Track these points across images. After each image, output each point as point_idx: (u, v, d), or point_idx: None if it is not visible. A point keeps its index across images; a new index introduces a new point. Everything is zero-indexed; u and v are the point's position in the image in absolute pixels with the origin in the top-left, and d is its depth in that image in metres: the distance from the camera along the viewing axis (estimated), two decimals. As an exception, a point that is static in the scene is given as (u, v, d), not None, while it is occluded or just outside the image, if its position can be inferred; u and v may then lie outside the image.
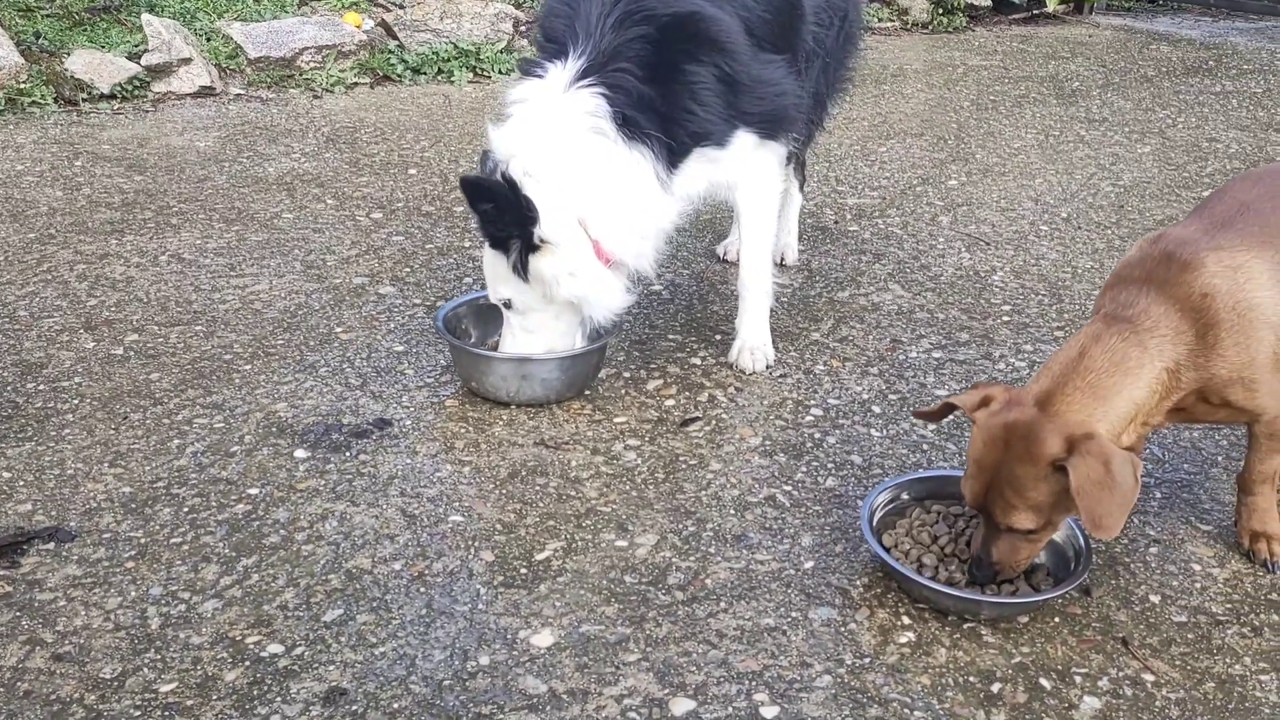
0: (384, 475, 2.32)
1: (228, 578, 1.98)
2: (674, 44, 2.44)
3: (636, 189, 2.46)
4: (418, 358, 2.84)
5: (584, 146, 2.40)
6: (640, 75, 2.41)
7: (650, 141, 2.44)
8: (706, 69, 2.48)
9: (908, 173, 4.50)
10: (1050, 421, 1.75)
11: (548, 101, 2.41)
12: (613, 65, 2.40)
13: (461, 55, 5.94)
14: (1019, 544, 1.85)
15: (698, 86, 2.48)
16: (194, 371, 2.71)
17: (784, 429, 2.55)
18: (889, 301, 3.26)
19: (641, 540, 2.13)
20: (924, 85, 6.02)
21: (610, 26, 2.42)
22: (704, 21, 2.47)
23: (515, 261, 2.40)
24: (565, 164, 2.37)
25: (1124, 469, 1.70)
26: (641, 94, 2.41)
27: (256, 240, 3.56)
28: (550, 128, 2.39)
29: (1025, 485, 1.75)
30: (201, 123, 4.83)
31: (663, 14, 2.43)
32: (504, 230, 2.37)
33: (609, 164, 2.41)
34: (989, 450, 1.80)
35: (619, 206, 2.45)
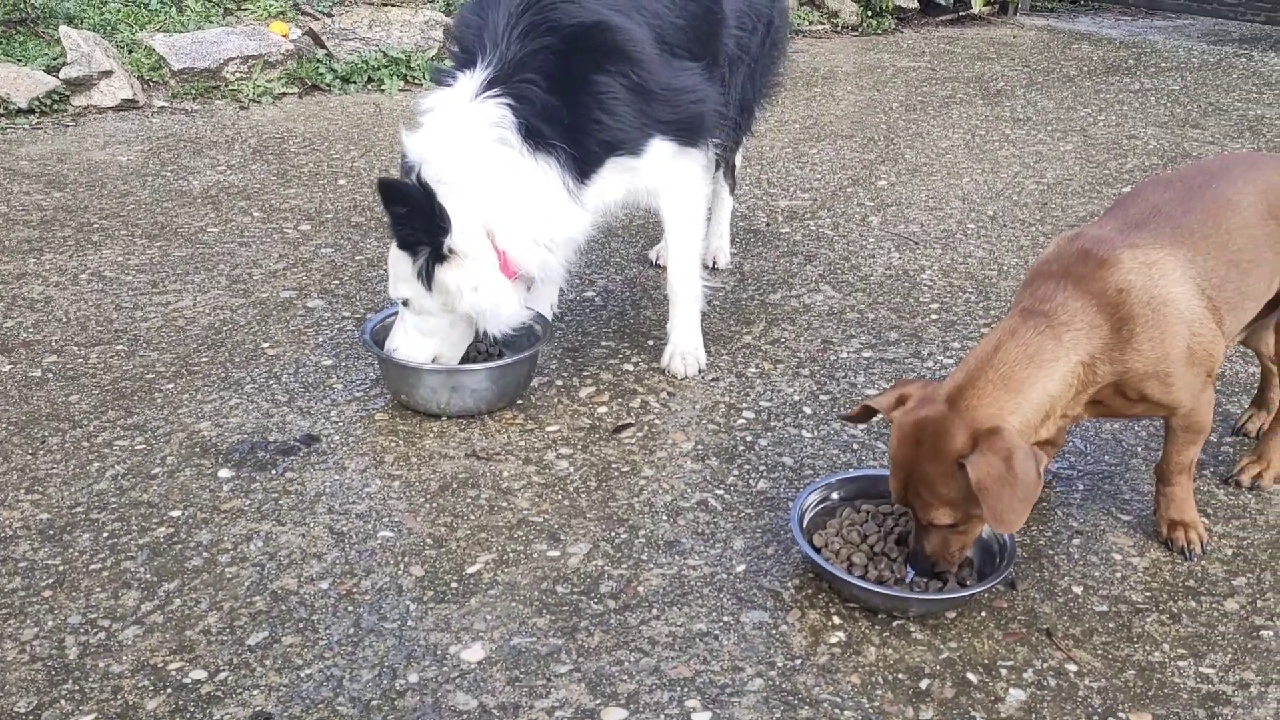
0: (311, 492, 2.28)
1: (149, 603, 1.93)
2: (580, 54, 2.44)
3: (543, 200, 2.45)
4: (347, 371, 2.80)
5: (490, 157, 2.39)
6: (545, 86, 2.41)
7: (556, 152, 2.43)
8: (614, 79, 2.47)
9: (839, 174, 4.55)
10: (957, 418, 1.78)
11: (455, 111, 2.41)
12: (518, 76, 2.40)
13: (392, 63, 5.89)
14: (948, 537, 1.88)
15: (606, 96, 2.47)
16: (115, 392, 2.65)
17: (716, 433, 2.56)
18: (820, 302, 3.29)
19: (574, 550, 2.12)
20: (854, 87, 6.10)
21: (516, 37, 2.42)
22: (609, 31, 2.46)
23: (421, 268, 2.38)
24: (473, 174, 2.36)
25: (1026, 463, 1.73)
26: (547, 105, 2.41)
27: (180, 255, 3.49)
28: (457, 137, 2.39)
29: (936, 482, 1.78)
30: (124, 136, 4.72)
31: (567, 24, 2.43)
32: (414, 235, 2.35)
33: (515, 175, 2.41)
34: (904, 448, 1.82)
35: (525, 218, 2.45)
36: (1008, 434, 1.74)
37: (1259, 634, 1.93)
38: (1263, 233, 2.07)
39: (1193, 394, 1.96)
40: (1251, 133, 5.30)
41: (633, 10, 2.58)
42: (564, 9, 2.47)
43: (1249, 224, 2.05)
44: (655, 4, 2.64)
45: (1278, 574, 2.10)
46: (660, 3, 2.66)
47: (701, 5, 2.79)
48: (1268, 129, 5.37)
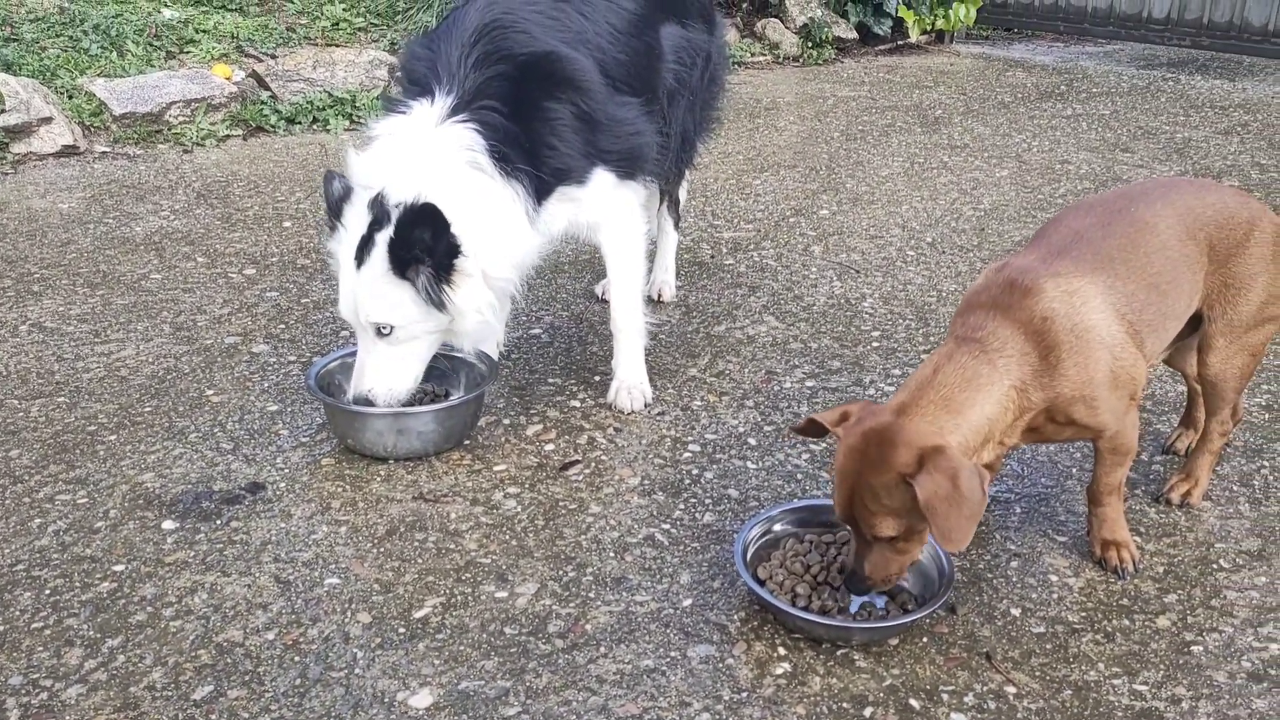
0: (256, 542, 2.27)
1: (92, 660, 1.91)
2: (533, 82, 2.51)
3: (512, 223, 2.51)
4: (293, 417, 2.80)
5: (465, 180, 2.43)
6: (505, 112, 2.47)
7: (521, 176, 2.50)
8: (565, 106, 2.55)
9: (781, 204, 4.62)
10: (903, 429, 1.82)
11: (421, 135, 2.44)
12: (479, 102, 2.46)
13: (337, 103, 5.90)
14: (889, 555, 1.91)
15: (557, 123, 2.54)
16: (56, 446, 2.62)
17: (662, 467, 2.59)
18: (764, 333, 3.34)
19: (521, 590, 2.13)
20: (796, 118, 6.21)
21: (472, 66, 2.48)
22: (560, 61, 2.54)
23: (427, 290, 2.37)
24: (454, 197, 2.38)
25: (971, 482, 1.77)
26: (509, 130, 2.47)
27: (123, 304, 3.46)
28: (428, 160, 2.42)
29: (880, 492, 1.81)
30: (65, 184, 4.68)
31: (520, 53, 2.51)
32: (419, 256, 2.34)
33: (489, 197, 2.46)
34: (850, 460, 1.85)
35: (500, 238, 2.49)
36: (952, 452, 1.79)
37: (1190, 649, 1.99)
38: (1181, 254, 2.15)
39: (1117, 416, 2.03)
40: (1179, 155, 5.48)
41: (579, 43, 2.65)
42: (515, 39, 2.54)
43: (1167, 246, 2.13)
44: (599, 39, 2.71)
45: (1207, 590, 2.16)
46: (603, 38, 2.73)
47: (642, 41, 2.85)
48: (1195, 151, 5.55)
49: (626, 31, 2.79)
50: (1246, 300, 2.24)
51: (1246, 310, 2.24)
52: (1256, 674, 1.93)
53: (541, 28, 2.59)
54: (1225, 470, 2.59)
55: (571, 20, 2.68)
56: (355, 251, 2.41)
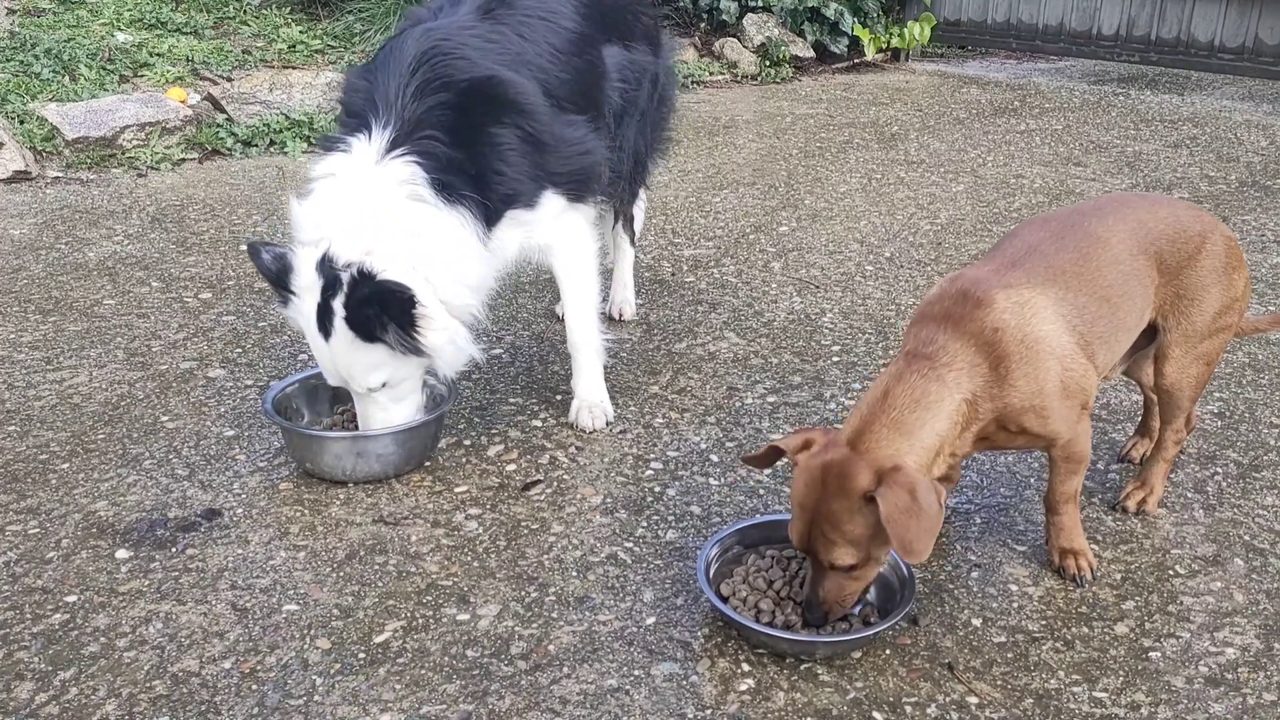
0: (213, 569, 2.24)
1: (43, 694, 1.87)
2: (475, 108, 2.49)
3: (463, 248, 2.48)
4: (250, 441, 2.76)
5: (408, 214, 2.41)
6: (447, 141, 2.45)
7: (467, 202, 2.47)
8: (509, 130, 2.53)
9: (741, 221, 4.65)
10: (861, 458, 1.84)
11: (361, 175, 2.41)
12: (419, 133, 2.43)
13: (294, 125, 5.86)
14: (844, 582, 1.92)
15: (503, 148, 2.52)
16: (6, 475, 2.56)
17: (625, 485, 2.59)
18: (725, 350, 3.35)
19: (483, 612, 2.12)
20: (755, 135, 6.26)
21: (411, 96, 2.46)
22: (501, 85, 2.52)
23: (400, 342, 2.37)
24: (399, 235, 2.37)
25: (928, 495, 1.79)
26: (452, 158, 2.45)
27: (75, 330, 3.40)
28: (369, 201, 2.39)
29: (841, 520, 1.83)
30: (15, 209, 4.61)
31: (460, 80, 2.48)
32: (380, 321, 2.34)
33: (434, 227, 2.43)
34: (809, 491, 1.87)
35: (452, 265, 2.47)
36: (908, 469, 1.81)
37: (1148, 655, 2.01)
38: (1132, 268, 2.19)
39: (1069, 425, 2.05)
40: (1130, 168, 5.58)
41: (520, 65, 2.64)
42: (455, 65, 2.52)
43: (1119, 260, 2.17)
44: (539, 59, 2.70)
45: (1164, 596, 2.19)
46: (544, 58, 2.72)
47: (584, 59, 2.85)
48: (1145, 164, 5.66)
49: (567, 51, 2.78)
50: (1200, 311, 2.28)
51: (1200, 321, 2.28)
52: (1214, 678, 1.96)
53: (480, 52, 2.57)
54: (1179, 478, 2.63)
55: (510, 43, 2.67)
56: (317, 323, 2.39)
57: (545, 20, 2.78)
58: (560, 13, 2.82)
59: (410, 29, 2.66)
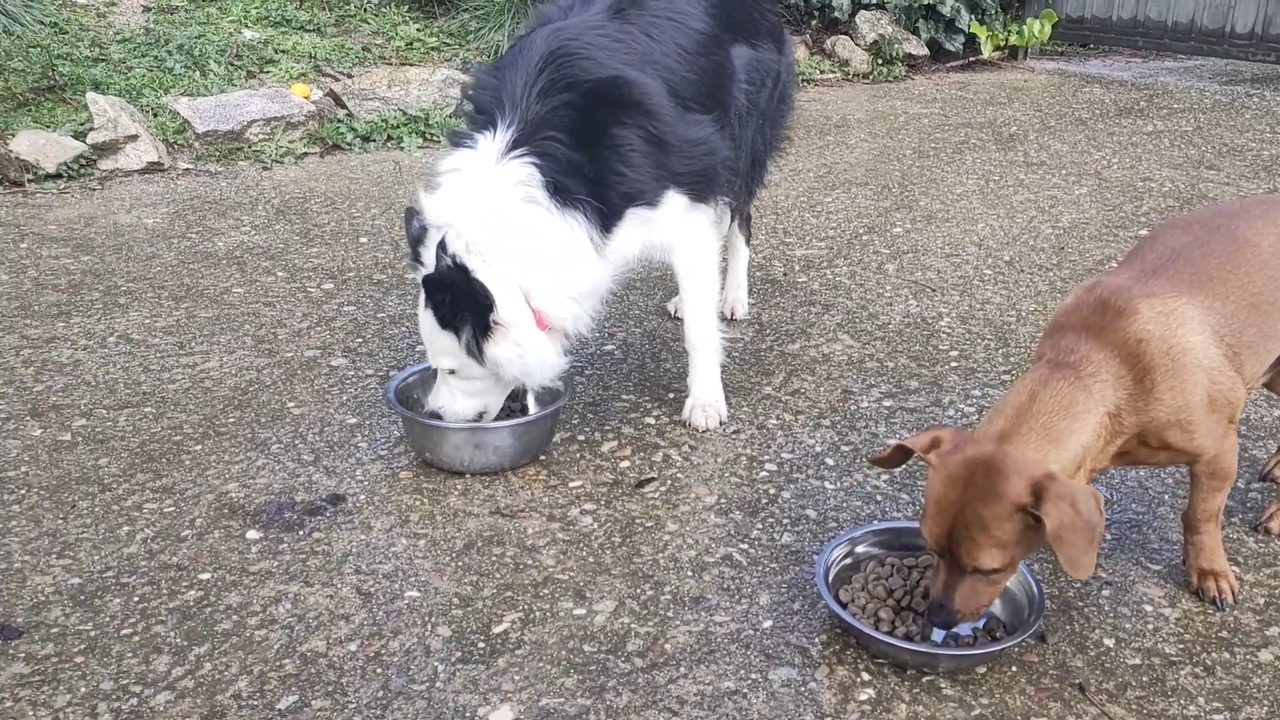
0: (338, 553, 2.30)
1: (179, 668, 1.94)
2: (599, 108, 2.50)
3: (572, 255, 2.49)
4: (371, 430, 2.83)
5: (519, 217, 2.43)
6: (568, 142, 2.46)
7: (582, 206, 2.48)
8: (632, 131, 2.53)
9: (854, 222, 4.58)
10: (1011, 458, 1.77)
11: (480, 172, 2.45)
12: (541, 134, 2.45)
13: (410, 121, 5.99)
14: (980, 587, 1.85)
15: (625, 149, 2.52)
16: (143, 455, 2.68)
17: (739, 486, 2.57)
18: (839, 352, 3.30)
19: (600, 607, 2.12)
20: (867, 135, 6.15)
21: (536, 96, 2.48)
22: (626, 85, 2.53)
23: (468, 344, 2.41)
24: (505, 237, 2.39)
25: (1089, 504, 1.73)
26: (571, 160, 2.46)
27: (206, 317, 3.54)
28: (484, 199, 2.43)
29: (989, 522, 1.76)
30: (149, 199, 4.81)
31: (585, 80, 2.49)
32: (457, 316, 2.38)
33: (544, 232, 2.45)
34: (950, 489, 1.80)
35: (556, 274, 2.48)
36: (1064, 479, 1.74)
37: (1295, 685, 1.91)
38: None
39: (1215, 440, 1.95)
40: (1267, 173, 5.31)
41: (646, 65, 2.64)
42: (581, 65, 2.53)
43: (1269, 265, 2.06)
44: (667, 59, 2.70)
45: (1312, 623, 2.08)
46: (671, 58, 2.72)
47: (711, 60, 2.85)
48: (1282, 168, 5.38)
49: (695, 51, 2.78)
50: None
51: None
52: (1368, 714, 1.85)
53: (607, 52, 2.58)
54: (1327, 499, 2.49)
55: (638, 43, 2.67)
56: (425, 295, 2.45)
57: (674, 20, 2.78)
58: (689, 13, 2.81)
59: (540, 28, 2.69)
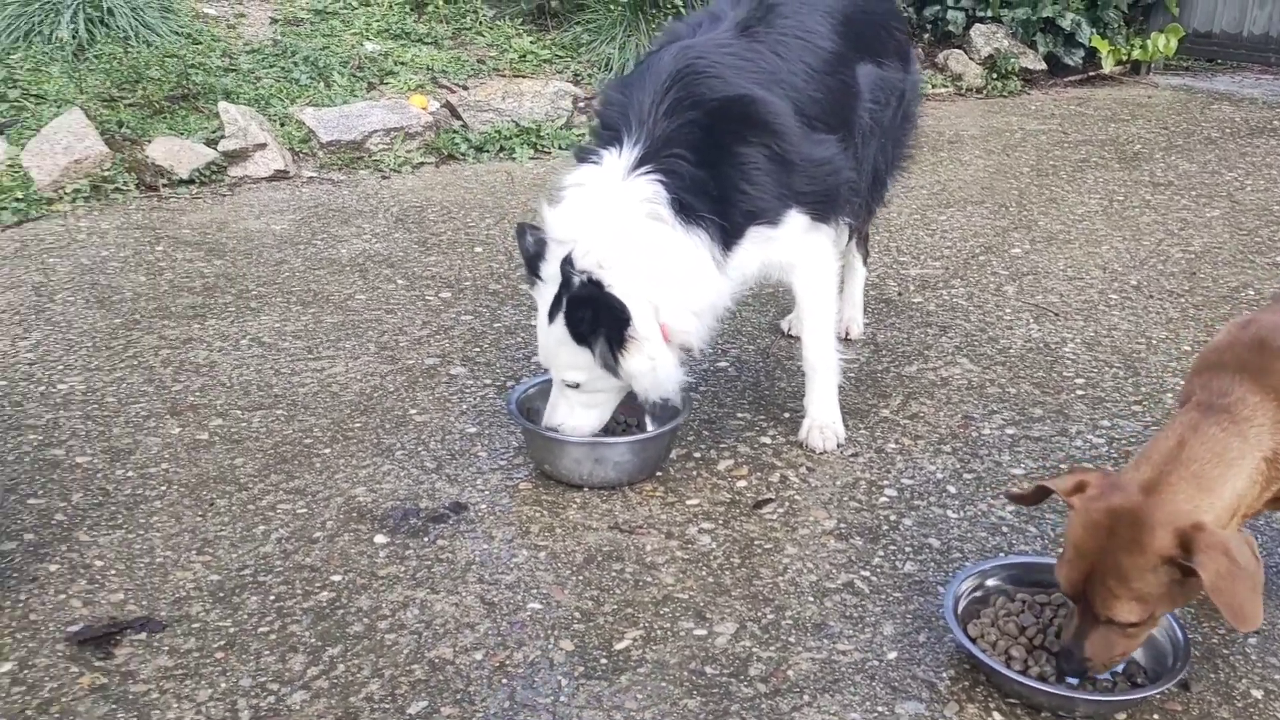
0: (462, 561, 2.34)
1: (314, 668, 2.01)
2: (724, 127, 2.52)
3: (695, 271, 2.52)
4: (490, 440, 2.88)
5: (645, 233, 2.46)
6: (693, 159, 2.48)
7: (706, 224, 2.50)
8: (757, 150, 2.55)
9: (970, 241, 4.49)
10: (1158, 509, 1.71)
11: (607, 189, 2.48)
12: (666, 151, 2.48)
13: (523, 133, 6.09)
14: (1115, 638, 1.79)
15: (749, 167, 2.54)
16: (276, 456, 2.78)
17: (859, 511, 2.53)
18: (958, 376, 3.24)
19: (720, 629, 2.12)
20: (981, 151, 6.03)
21: (663, 114, 2.51)
22: (752, 104, 2.55)
23: (604, 357, 2.44)
24: (632, 253, 2.42)
25: (1243, 552, 1.66)
26: (695, 178, 2.48)
27: (332, 322, 3.65)
28: (611, 215, 2.46)
29: (1131, 575, 1.70)
30: (276, 206, 4.99)
31: (711, 99, 2.52)
32: (594, 330, 2.41)
33: (669, 249, 2.48)
34: (1090, 536, 1.75)
35: (680, 290, 2.51)
36: (1214, 529, 1.68)
37: None
38: None
39: (1380, 490, 1.86)
40: None
41: (773, 84, 2.65)
42: (708, 84, 2.56)
43: None
44: (793, 78, 2.71)
45: None
46: (798, 76, 2.72)
47: (837, 79, 2.83)
48: None
49: (822, 70, 2.77)
50: None
51: None
52: None
53: (734, 70, 2.61)
54: None
55: (766, 61, 2.69)
56: (549, 310, 2.48)
57: (801, 39, 2.77)
58: (817, 31, 2.81)
59: (668, 45, 2.72)
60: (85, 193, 4.87)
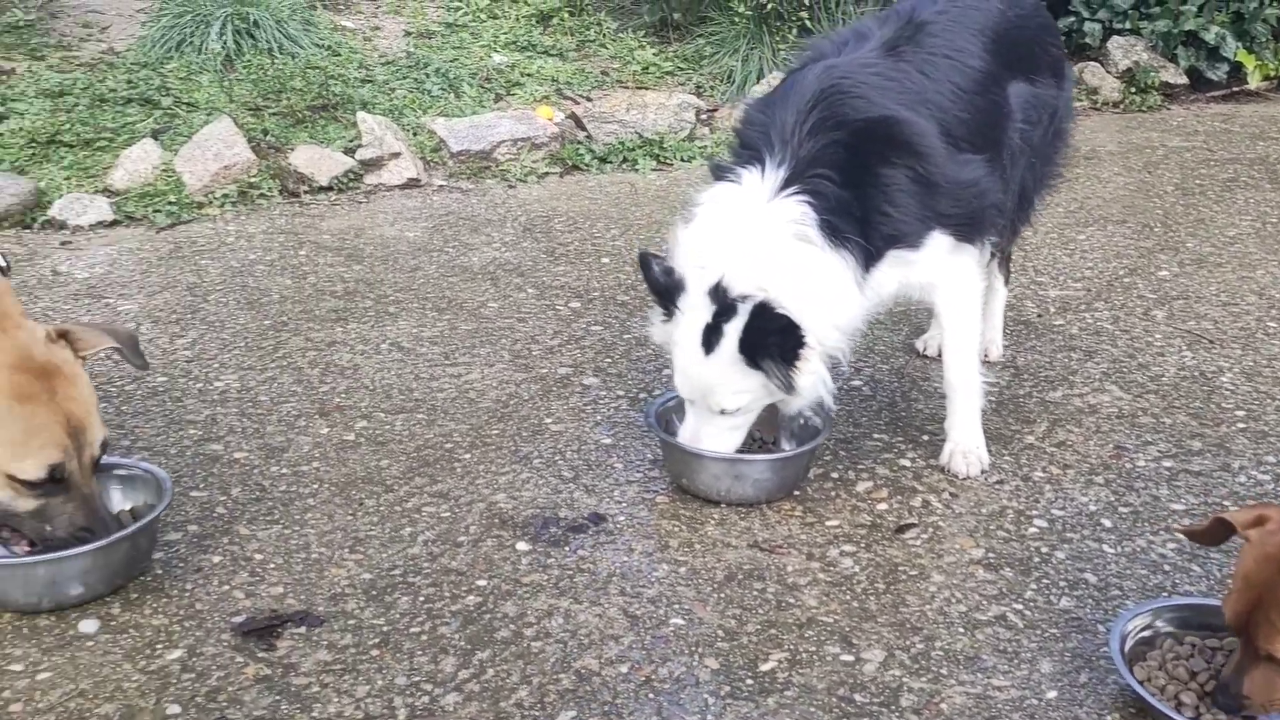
0: (603, 573, 2.35)
1: (465, 671, 2.04)
2: (868, 148, 2.50)
3: (842, 291, 2.50)
4: (625, 451, 2.89)
5: (796, 254, 2.45)
6: (838, 180, 2.47)
7: (850, 245, 2.49)
8: (900, 171, 2.53)
9: (1112, 262, 4.33)
10: None
11: (750, 210, 2.47)
12: (811, 172, 2.47)
13: (646, 144, 6.11)
14: (1276, 678, 1.71)
15: (892, 189, 2.52)
16: (419, 460, 2.84)
17: (1007, 540, 2.46)
18: (1107, 404, 3.12)
19: (868, 656, 2.08)
20: (1121, 168, 5.81)
21: (807, 134, 2.50)
22: (897, 125, 2.52)
23: (780, 378, 2.42)
24: (787, 274, 2.41)
25: None
26: (840, 199, 2.47)
27: (466, 329, 3.72)
28: (759, 237, 2.45)
29: None
30: (409, 213, 5.12)
31: (855, 120, 2.50)
32: (770, 349, 2.40)
33: (818, 270, 2.47)
34: (1261, 567, 1.69)
35: (828, 308, 2.50)
36: None
37: None
38: None
39: None
40: None
41: (919, 104, 2.62)
42: (852, 104, 2.54)
43: None
44: (940, 98, 2.66)
45: None
46: (945, 96, 2.67)
47: (987, 99, 2.77)
48: None
49: (971, 90, 2.72)
50: None
51: None
52: None
53: (880, 90, 2.58)
54: None
55: (912, 81, 2.65)
56: (701, 339, 2.45)
57: (950, 58, 2.73)
58: (967, 50, 2.75)
59: (812, 64, 2.70)
60: (233, 198, 5.08)
